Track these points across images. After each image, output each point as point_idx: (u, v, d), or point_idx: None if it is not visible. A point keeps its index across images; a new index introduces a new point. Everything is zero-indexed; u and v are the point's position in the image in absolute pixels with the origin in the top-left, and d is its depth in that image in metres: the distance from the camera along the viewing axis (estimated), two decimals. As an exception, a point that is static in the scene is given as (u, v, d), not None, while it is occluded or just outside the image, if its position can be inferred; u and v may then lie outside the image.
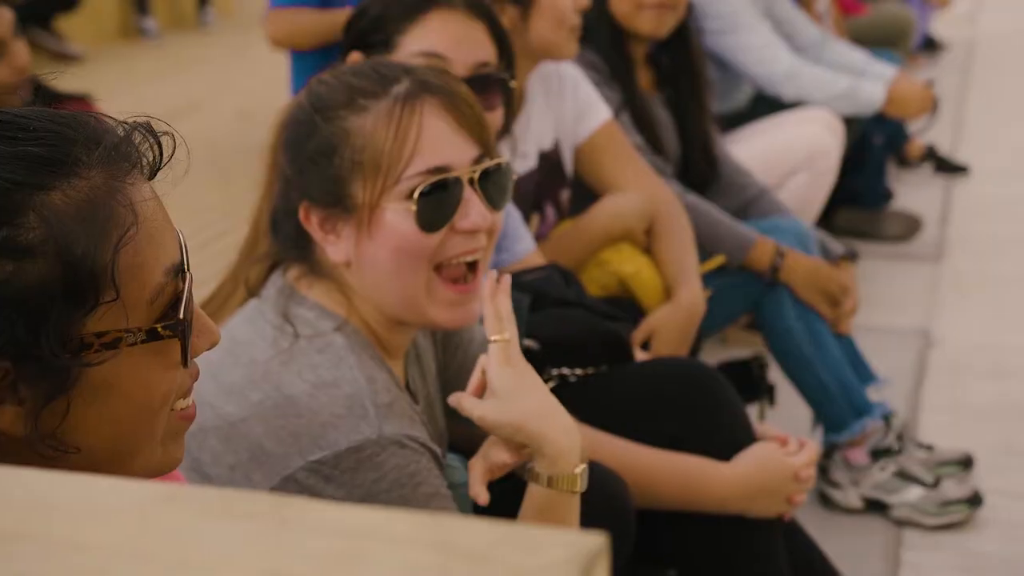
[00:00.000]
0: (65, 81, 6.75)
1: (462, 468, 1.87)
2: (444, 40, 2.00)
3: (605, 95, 2.85)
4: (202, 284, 1.24)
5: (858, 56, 4.16)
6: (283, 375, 1.43)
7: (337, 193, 1.47)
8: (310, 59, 4.07)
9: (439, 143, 1.48)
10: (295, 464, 1.41)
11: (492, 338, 1.48)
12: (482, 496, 1.49)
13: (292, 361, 1.44)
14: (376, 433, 1.41)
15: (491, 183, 1.52)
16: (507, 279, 1.50)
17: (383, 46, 2.02)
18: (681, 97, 3.07)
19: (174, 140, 1.03)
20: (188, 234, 1.02)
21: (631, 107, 2.90)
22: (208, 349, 1.03)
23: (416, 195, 1.45)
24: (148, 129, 1.02)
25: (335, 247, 1.50)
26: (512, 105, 2.21)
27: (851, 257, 3.07)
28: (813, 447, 2.01)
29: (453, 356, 1.76)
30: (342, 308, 1.51)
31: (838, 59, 4.12)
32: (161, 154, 1.02)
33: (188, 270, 1.00)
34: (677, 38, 3.03)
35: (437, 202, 1.47)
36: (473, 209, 1.49)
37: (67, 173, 0.94)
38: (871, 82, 3.89)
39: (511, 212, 2.31)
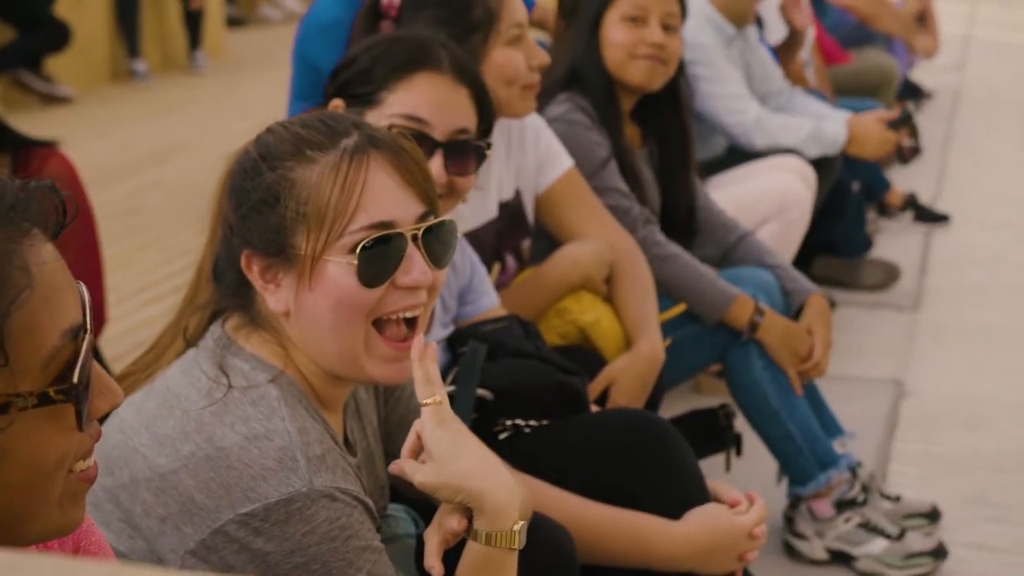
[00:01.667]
0: (51, 123, 6.78)
1: (408, 519, 1.86)
2: (427, 103, 2.02)
3: (594, 140, 2.86)
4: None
5: (819, 105, 4.23)
6: (215, 427, 1.43)
7: (280, 242, 1.47)
8: (311, 106, 4.08)
9: (384, 198, 1.48)
10: (225, 516, 1.40)
11: (424, 402, 1.48)
12: (437, 569, 1.49)
13: (225, 413, 1.44)
14: (307, 486, 1.40)
15: (435, 240, 1.52)
16: (433, 345, 1.50)
17: (367, 101, 2.04)
18: (667, 156, 3.07)
19: (75, 204, 1.03)
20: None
21: (618, 156, 2.91)
22: (110, 410, 1.02)
23: (358, 249, 1.45)
24: (52, 189, 1.02)
25: (275, 296, 1.50)
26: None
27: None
28: (762, 504, 2.00)
29: (395, 408, 1.75)
30: (279, 359, 1.51)
31: (802, 107, 4.20)
32: (64, 213, 1.02)
33: (89, 330, 0.99)
34: (668, 97, 3.04)
35: (379, 257, 1.47)
36: (415, 266, 1.49)
37: None
38: (833, 122, 3.96)
39: (477, 267, 2.33)
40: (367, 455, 1.67)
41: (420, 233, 1.50)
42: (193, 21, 8.45)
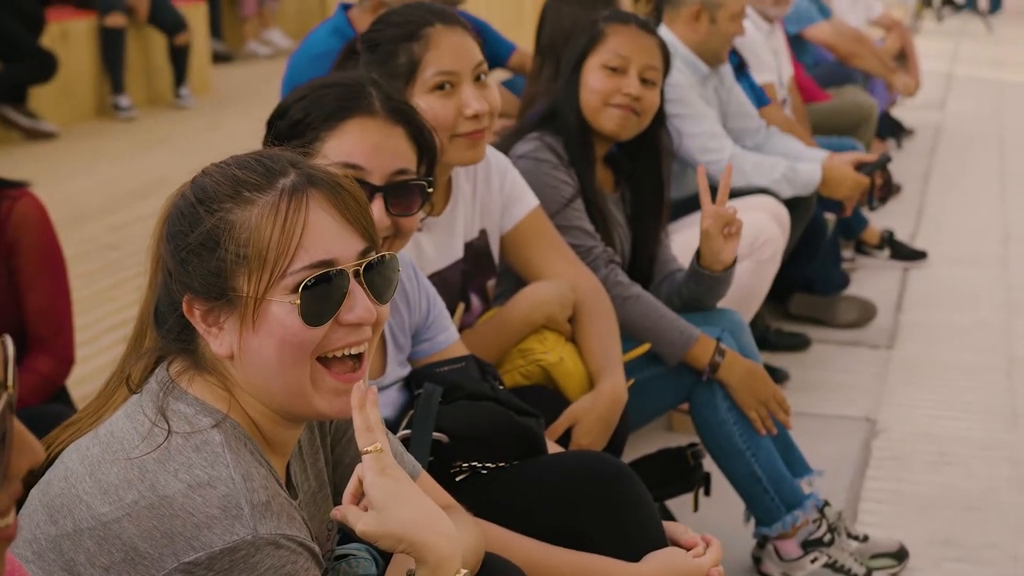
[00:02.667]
0: (35, 158, 6.79)
1: (369, 559, 1.86)
2: (361, 149, 2.01)
3: (560, 179, 2.87)
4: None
5: (796, 144, 4.25)
6: (159, 474, 1.42)
7: (220, 286, 1.47)
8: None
9: (324, 237, 1.48)
10: (169, 565, 1.40)
11: (364, 449, 1.49)
12: None
13: (168, 459, 1.43)
14: (251, 534, 1.40)
15: (377, 276, 1.52)
16: (374, 390, 1.51)
17: (302, 153, 2.03)
18: (639, 204, 3.09)
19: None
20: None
21: (584, 197, 2.93)
22: (30, 468, 1.02)
23: (300, 289, 1.46)
24: None
25: (218, 340, 1.49)
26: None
27: None
28: (719, 546, 2.00)
29: (347, 449, 1.75)
30: (223, 403, 1.51)
31: (779, 146, 4.22)
32: None
33: (11, 386, 0.99)
34: (645, 147, 3.06)
35: (322, 296, 1.47)
36: (358, 302, 1.50)
37: None
38: (807, 163, 3.99)
39: (436, 301, 2.32)
40: (311, 497, 1.67)
41: (362, 269, 1.50)
42: (179, 57, 8.47)
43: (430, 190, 2.08)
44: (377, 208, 2.00)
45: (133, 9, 8.17)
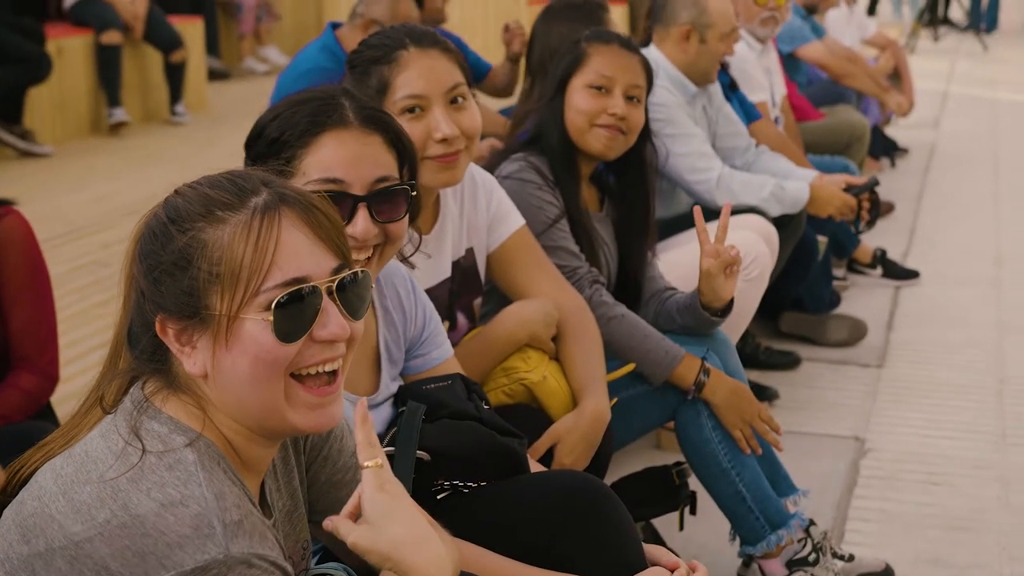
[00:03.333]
0: (29, 175, 6.80)
1: (347, 578, 1.86)
2: (339, 162, 2.00)
3: (545, 199, 2.88)
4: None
5: (786, 163, 4.27)
6: (131, 493, 1.42)
7: (193, 305, 1.48)
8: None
9: (297, 255, 1.49)
10: None
11: (365, 464, 1.49)
12: None
13: (142, 479, 1.43)
14: (223, 553, 1.40)
15: (350, 293, 1.53)
16: (364, 403, 1.52)
17: (282, 172, 1.99)
18: (625, 224, 3.09)
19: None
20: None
21: (569, 216, 2.93)
22: None
23: (273, 306, 1.46)
24: None
25: (191, 359, 1.50)
26: (417, 210, 2.21)
27: None
28: (704, 572, 1.99)
29: (322, 467, 1.75)
30: (197, 422, 1.51)
31: (768, 165, 4.23)
32: None
33: None
34: (631, 166, 3.06)
35: (295, 313, 1.48)
36: (331, 319, 1.51)
37: None
38: (795, 182, 4.00)
39: (433, 317, 2.31)
40: (286, 515, 1.67)
41: (335, 287, 1.51)
42: (175, 74, 8.48)
43: (413, 193, 2.07)
44: (363, 218, 2.00)
45: (129, 26, 8.19)
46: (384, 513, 1.49)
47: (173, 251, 1.48)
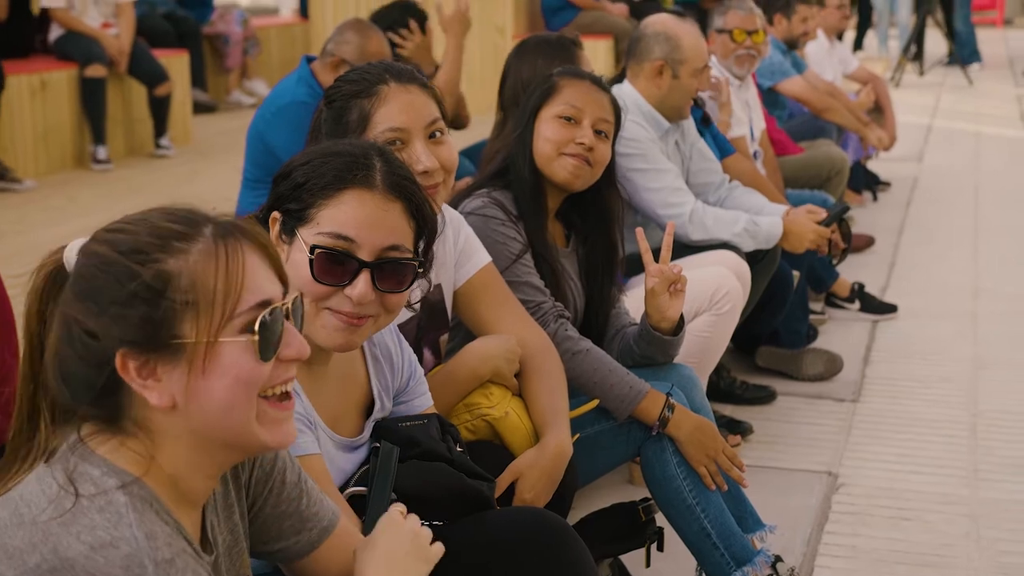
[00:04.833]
0: (9, 208, 6.80)
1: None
2: (355, 222, 1.99)
3: (508, 235, 2.89)
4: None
5: (759, 198, 4.28)
6: (61, 537, 1.42)
7: (161, 335, 1.48)
8: (261, 189, 4.10)
9: (259, 278, 1.53)
10: None
11: None
12: None
13: (73, 522, 1.43)
14: (154, 592, 1.40)
15: (296, 315, 1.58)
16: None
17: (299, 218, 2.02)
18: (591, 263, 3.10)
19: None
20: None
21: (535, 251, 2.94)
22: None
23: (257, 326, 1.49)
24: None
25: (155, 392, 1.49)
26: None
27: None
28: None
29: (267, 500, 1.76)
30: (135, 463, 1.51)
31: (742, 200, 4.25)
32: None
33: None
34: (594, 208, 3.07)
35: (270, 333, 1.51)
36: (294, 338, 1.55)
37: None
38: (769, 217, 4.02)
39: (416, 368, 2.31)
40: (227, 550, 1.68)
41: (289, 308, 1.55)
42: (159, 107, 8.50)
43: (420, 270, 2.06)
44: (364, 283, 1.99)
45: (114, 60, 8.21)
46: (380, 528, 1.63)
47: (138, 284, 1.48)
